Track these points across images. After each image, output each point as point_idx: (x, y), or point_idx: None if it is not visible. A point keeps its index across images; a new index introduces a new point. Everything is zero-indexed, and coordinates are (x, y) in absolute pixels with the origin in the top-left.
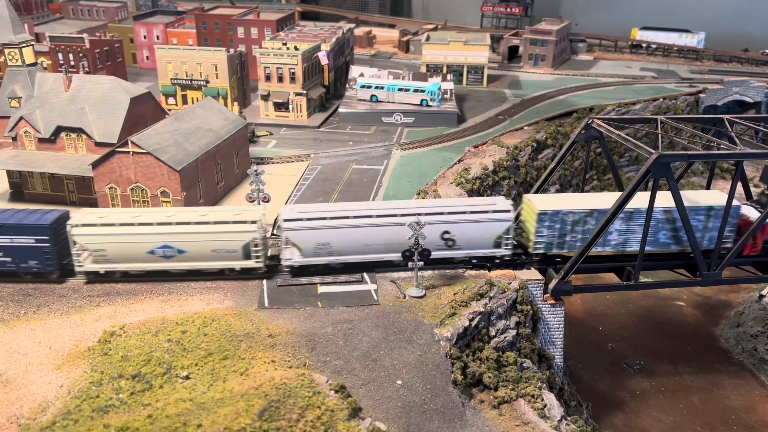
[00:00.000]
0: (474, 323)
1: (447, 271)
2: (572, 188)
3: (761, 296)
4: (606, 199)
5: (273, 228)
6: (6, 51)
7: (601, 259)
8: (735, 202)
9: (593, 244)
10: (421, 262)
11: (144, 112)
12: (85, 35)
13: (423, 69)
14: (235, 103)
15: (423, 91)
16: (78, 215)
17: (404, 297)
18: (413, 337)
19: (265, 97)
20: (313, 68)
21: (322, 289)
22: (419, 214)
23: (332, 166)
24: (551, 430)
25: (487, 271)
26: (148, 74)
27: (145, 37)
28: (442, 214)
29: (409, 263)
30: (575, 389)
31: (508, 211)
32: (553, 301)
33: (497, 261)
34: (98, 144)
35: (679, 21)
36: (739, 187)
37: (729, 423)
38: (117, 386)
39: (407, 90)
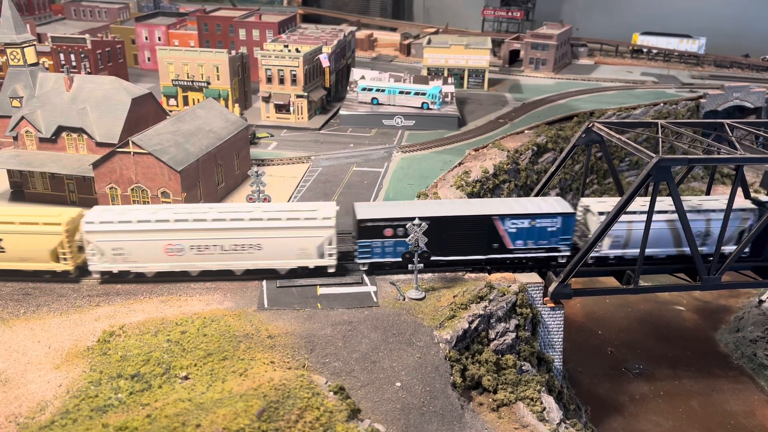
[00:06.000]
0: (473, 326)
1: (447, 273)
2: (572, 192)
3: (761, 301)
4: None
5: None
6: (8, 51)
7: (600, 263)
8: None
9: (593, 247)
10: (421, 264)
11: (145, 113)
12: (86, 36)
13: (424, 72)
14: (236, 105)
15: (424, 94)
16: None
17: (404, 299)
18: (412, 339)
19: (266, 99)
20: (315, 70)
21: (321, 290)
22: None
23: (333, 168)
24: None
25: (486, 274)
26: (149, 75)
27: (146, 38)
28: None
29: (409, 265)
30: (574, 393)
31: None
32: (552, 305)
33: None
34: (99, 144)
35: (680, 26)
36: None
37: (728, 428)
38: (116, 386)
39: (408, 93)
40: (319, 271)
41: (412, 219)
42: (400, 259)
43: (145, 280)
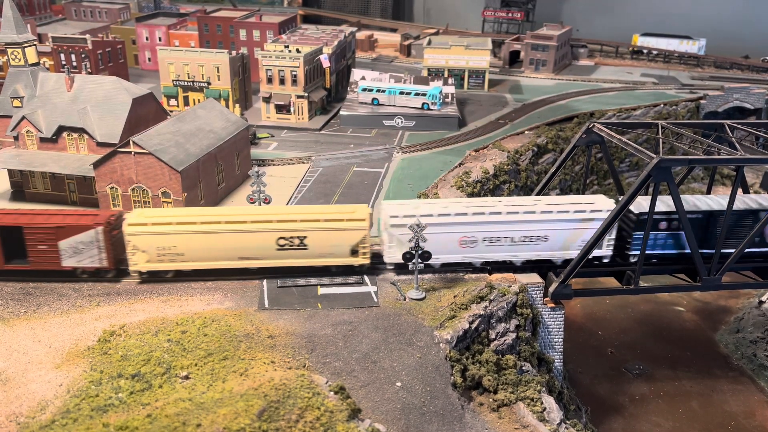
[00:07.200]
0: (474, 326)
1: (447, 273)
2: (572, 193)
3: (761, 302)
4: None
5: None
6: (9, 51)
7: (600, 263)
8: None
9: (592, 249)
10: (422, 264)
11: (146, 113)
12: (87, 36)
13: (424, 73)
14: (237, 105)
15: (424, 94)
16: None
17: (404, 299)
18: (413, 339)
19: (267, 100)
20: (315, 71)
21: (322, 290)
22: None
23: (333, 169)
24: None
25: (487, 275)
26: (149, 76)
27: (147, 38)
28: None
29: (410, 265)
30: (575, 393)
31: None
32: (553, 305)
33: None
34: (100, 144)
35: (680, 27)
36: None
37: (728, 428)
38: (116, 385)
39: (408, 93)
40: (592, 262)
41: (688, 213)
42: (672, 252)
43: (145, 279)
